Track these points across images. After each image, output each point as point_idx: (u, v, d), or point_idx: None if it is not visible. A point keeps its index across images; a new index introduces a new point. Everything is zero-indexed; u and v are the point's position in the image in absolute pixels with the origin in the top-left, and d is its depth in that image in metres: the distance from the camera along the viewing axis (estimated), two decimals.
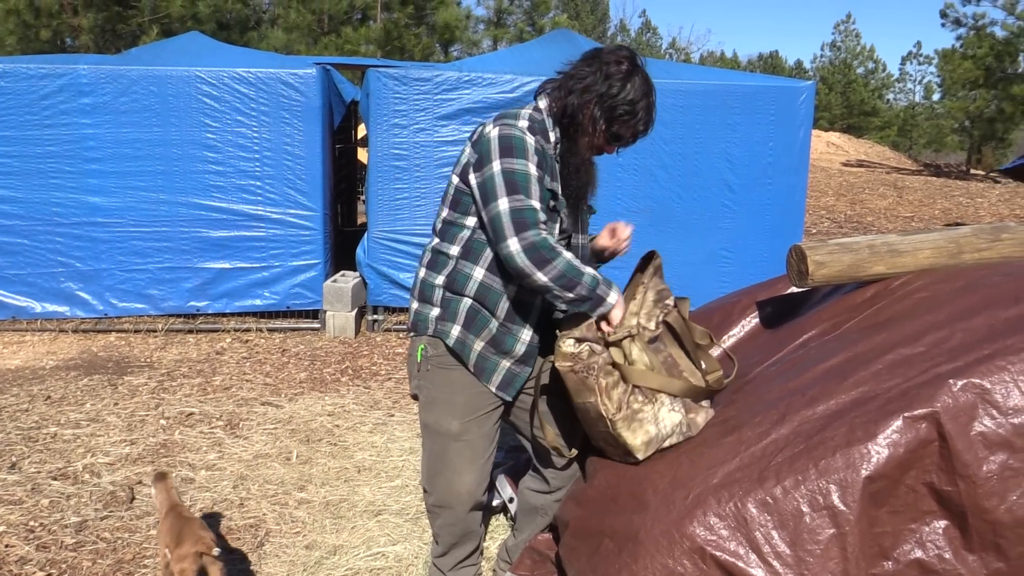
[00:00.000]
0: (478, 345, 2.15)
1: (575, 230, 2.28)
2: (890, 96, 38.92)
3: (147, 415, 4.30)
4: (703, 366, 2.23)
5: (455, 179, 2.15)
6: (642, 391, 2.05)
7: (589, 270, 2.05)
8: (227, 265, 5.95)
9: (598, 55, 2.13)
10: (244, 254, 5.94)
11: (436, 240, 2.21)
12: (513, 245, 1.95)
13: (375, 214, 5.99)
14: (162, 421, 4.22)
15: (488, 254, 2.12)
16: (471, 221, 2.12)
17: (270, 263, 5.97)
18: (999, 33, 22.41)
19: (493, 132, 2.05)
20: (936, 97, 34.41)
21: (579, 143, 2.15)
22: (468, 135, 5.92)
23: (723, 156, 6.34)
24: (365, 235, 6.08)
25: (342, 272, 6.39)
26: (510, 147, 2.02)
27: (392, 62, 7.11)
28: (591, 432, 2.16)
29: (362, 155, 9.53)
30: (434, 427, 2.23)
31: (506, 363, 2.17)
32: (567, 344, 2.04)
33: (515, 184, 1.99)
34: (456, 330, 2.15)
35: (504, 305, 2.14)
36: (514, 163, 2.00)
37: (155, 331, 5.99)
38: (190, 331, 6.05)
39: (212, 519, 3.14)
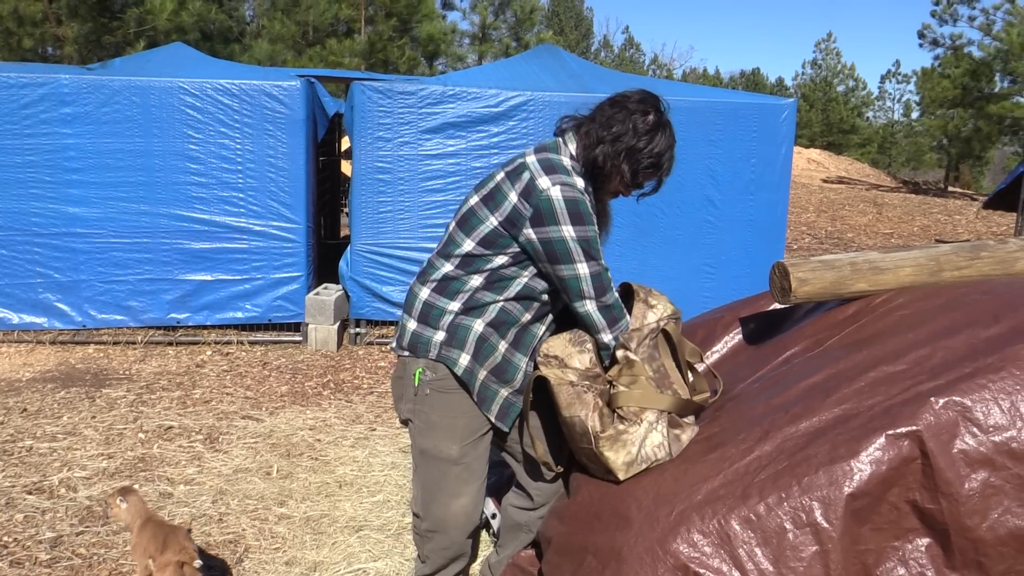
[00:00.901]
0: (482, 374, 2.14)
1: None
2: (870, 114, 39.46)
3: (125, 428, 4.25)
4: (691, 384, 2.23)
5: (492, 219, 2.08)
6: (626, 415, 2.05)
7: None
8: (208, 277, 5.90)
9: (625, 104, 2.11)
10: (226, 266, 5.90)
11: (450, 267, 2.13)
12: (591, 305, 2.07)
13: (358, 227, 5.98)
14: (140, 435, 4.17)
15: (514, 287, 2.13)
16: (501, 259, 2.10)
17: (252, 275, 5.93)
18: (976, 53, 22.85)
19: (555, 193, 2.01)
20: (915, 115, 34.96)
21: (602, 191, 2.20)
22: (451, 149, 5.94)
23: (706, 172, 6.38)
24: (348, 248, 6.06)
25: (324, 285, 6.36)
26: (579, 214, 2.03)
27: (377, 75, 7.11)
28: (574, 447, 2.15)
29: (346, 168, 9.51)
30: (433, 452, 2.19)
31: (504, 392, 2.18)
32: (571, 376, 2.07)
33: (591, 251, 2.05)
34: (465, 359, 2.12)
35: (514, 332, 2.17)
36: (587, 231, 2.04)
37: (134, 343, 5.93)
38: (170, 343, 5.99)
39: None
